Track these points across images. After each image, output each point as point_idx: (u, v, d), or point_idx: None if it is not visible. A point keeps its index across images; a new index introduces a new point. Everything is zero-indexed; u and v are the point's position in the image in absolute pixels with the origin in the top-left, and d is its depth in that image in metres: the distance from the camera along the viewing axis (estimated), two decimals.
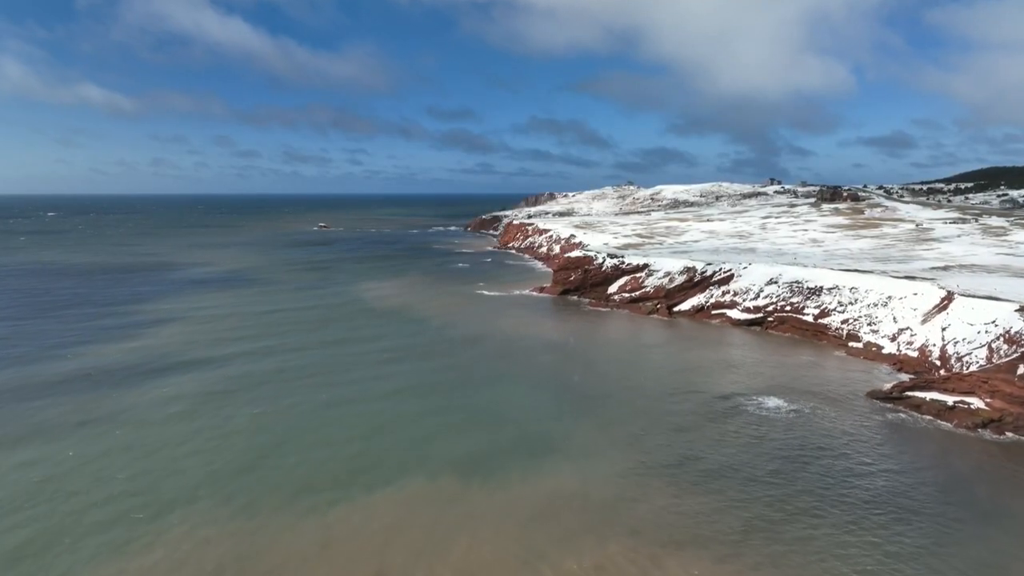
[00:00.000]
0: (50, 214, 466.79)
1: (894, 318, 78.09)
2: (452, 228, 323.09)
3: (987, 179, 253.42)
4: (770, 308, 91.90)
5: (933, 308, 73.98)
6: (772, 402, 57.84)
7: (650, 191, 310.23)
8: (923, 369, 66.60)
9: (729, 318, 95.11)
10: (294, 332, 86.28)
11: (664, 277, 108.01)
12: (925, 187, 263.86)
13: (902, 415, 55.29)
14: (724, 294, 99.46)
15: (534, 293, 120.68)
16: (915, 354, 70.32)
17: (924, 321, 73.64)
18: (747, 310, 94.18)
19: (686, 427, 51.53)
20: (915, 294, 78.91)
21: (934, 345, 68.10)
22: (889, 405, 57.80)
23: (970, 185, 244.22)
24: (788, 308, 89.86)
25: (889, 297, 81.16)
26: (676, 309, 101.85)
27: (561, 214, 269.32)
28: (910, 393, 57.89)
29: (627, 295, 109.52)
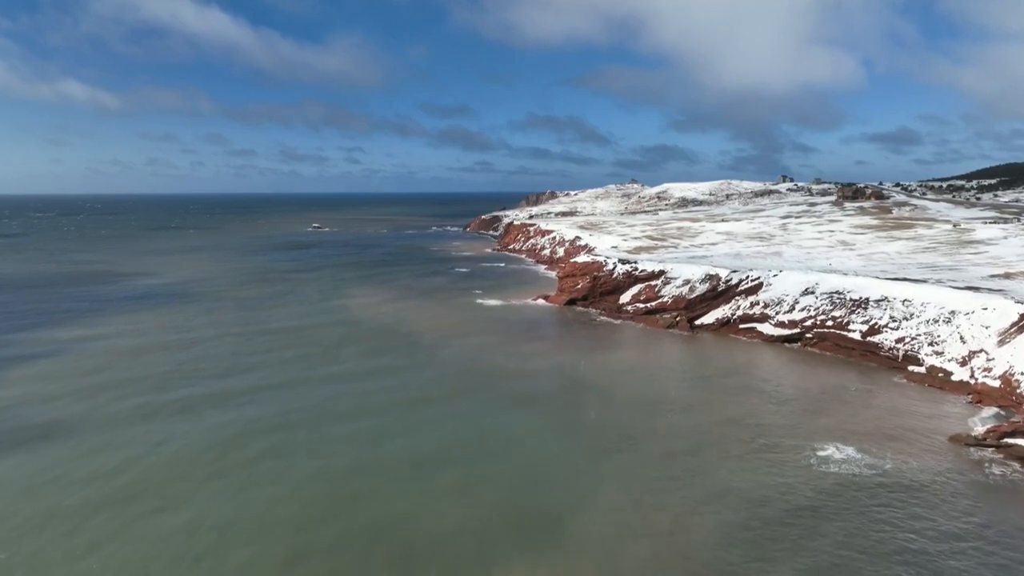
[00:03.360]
0: (37, 215, 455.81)
1: (961, 337, 66.64)
2: (451, 229, 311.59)
3: (1010, 175, 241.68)
4: (808, 323, 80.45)
5: (1012, 327, 62.55)
6: (842, 453, 46.35)
7: (656, 189, 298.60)
8: (1010, 403, 55.23)
9: (760, 333, 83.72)
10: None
11: (683, 286, 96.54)
12: (944, 184, 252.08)
13: (1005, 471, 43.90)
14: (753, 306, 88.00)
15: (538, 302, 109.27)
16: (996, 383, 58.82)
17: (1002, 342, 62.16)
18: (781, 325, 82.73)
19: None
20: (984, 309, 67.41)
21: (1022, 374, 56.66)
22: (985, 453, 46.53)
23: (994, 181, 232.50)
24: (829, 323, 78.41)
25: (952, 312, 69.70)
26: (698, 323, 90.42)
27: (564, 214, 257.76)
28: (1011, 441, 46.51)
29: (641, 305, 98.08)
